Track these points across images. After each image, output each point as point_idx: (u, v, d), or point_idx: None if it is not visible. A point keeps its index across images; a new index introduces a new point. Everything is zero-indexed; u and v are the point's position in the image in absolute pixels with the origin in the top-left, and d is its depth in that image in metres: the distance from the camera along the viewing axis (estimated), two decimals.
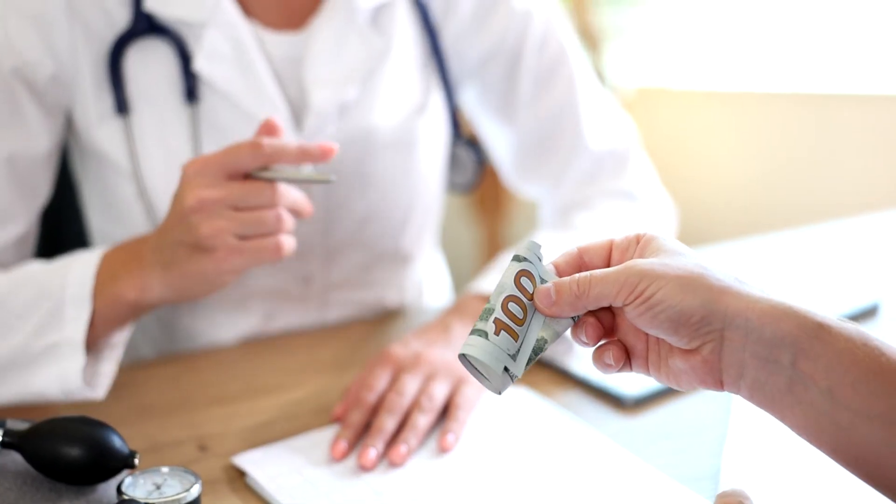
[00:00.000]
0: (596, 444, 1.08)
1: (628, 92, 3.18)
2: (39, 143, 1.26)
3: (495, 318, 0.83)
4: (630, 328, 0.85)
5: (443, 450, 1.08)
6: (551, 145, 1.46)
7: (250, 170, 1.08)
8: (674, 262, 0.81)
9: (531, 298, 0.85)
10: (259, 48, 1.28)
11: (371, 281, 1.44)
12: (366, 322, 1.45)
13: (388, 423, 1.09)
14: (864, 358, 0.76)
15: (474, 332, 0.84)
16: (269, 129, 1.11)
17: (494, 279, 1.30)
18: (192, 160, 1.09)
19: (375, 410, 1.12)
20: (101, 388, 1.15)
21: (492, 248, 3.09)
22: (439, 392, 1.13)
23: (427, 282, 1.58)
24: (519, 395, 1.18)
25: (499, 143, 1.51)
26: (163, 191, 1.28)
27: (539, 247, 0.87)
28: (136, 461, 0.94)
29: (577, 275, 0.83)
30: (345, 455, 1.07)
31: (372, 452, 1.05)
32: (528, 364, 0.85)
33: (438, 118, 1.40)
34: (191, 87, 1.26)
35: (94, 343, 1.15)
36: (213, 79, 1.26)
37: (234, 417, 1.17)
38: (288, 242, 1.10)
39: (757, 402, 0.80)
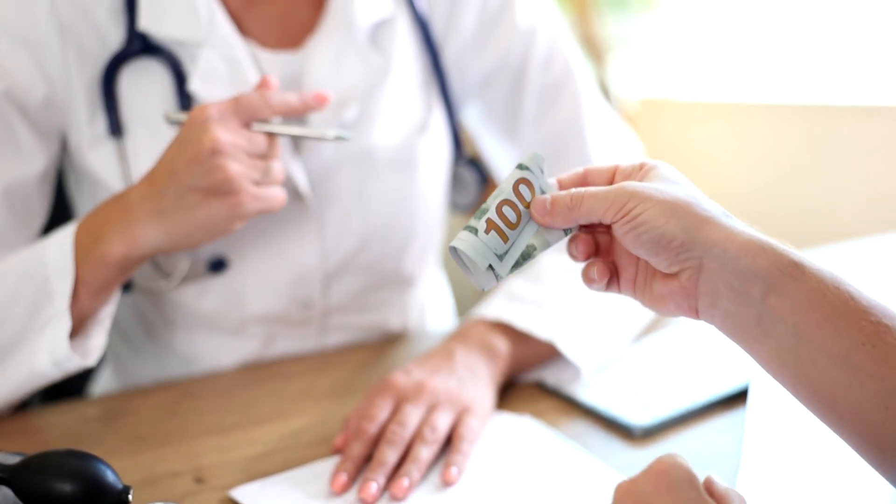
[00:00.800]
0: (604, 477, 1.05)
1: (633, 103, 3.15)
2: (34, 166, 1.24)
3: (487, 219, 0.89)
4: (623, 250, 0.89)
5: (446, 483, 1.04)
6: (556, 165, 1.43)
7: (260, 119, 1.12)
8: (666, 188, 0.84)
9: (528, 206, 0.89)
10: (256, 68, 1.25)
11: (372, 304, 1.41)
12: (367, 346, 1.42)
13: (390, 455, 1.05)
14: (833, 299, 0.78)
15: (466, 227, 0.89)
16: (265, 86, 1.14)
17: (500, 304, 1.27)
18: (202, 106, 1.10)
19: (376, 442, 1.08)
20: (92, 358, 1.15)
21: None
22: (442, 423, 1.10)
23: (430, 304, 1.55)
24: (524, 425, 1.15)
25: (502, 161, 1.48)
26: None
27: (543, 159, 0.91)
28: (130, 497, 0.91)
29: (573, 189, 0.88)
30: (345, 489, 1.03)
31: (373, 486, 1.02)
32: (514, 268, 0.90)
33: (440, 137, 1.37)
34: (186, 108, 1.24)
35: (85, 315, 1.15)
36: (209, 99, 1.23)
37: (231, 448, 1.14)
38: (285, 194, 1.15)
39: (727, 333, 0.84)
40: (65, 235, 1.14)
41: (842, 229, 1.91)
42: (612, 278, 0.91)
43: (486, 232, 0.88)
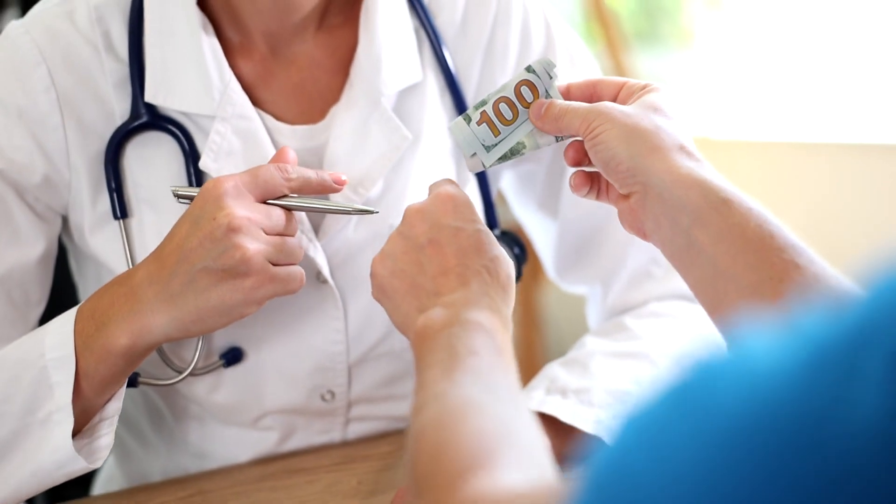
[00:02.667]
0: None
1: None
2: (32, 252, 1.16)
3: (482, 111, 1.00)
4: None
5: None
6: (601, 240, 1.32)
7: (279, 195, 1.05)
8: (637, 113, 0.92)
9: (527, 106, 0.99)
10: (272, 143, 1.16)
11: (398, 394, 1.30)
12: (392, 439, 1.30)
13: None
14: (752, 235, 0.85)
15: (464, 115, 1.00)
16: (282, 158, 1.07)
17: (540, 396, 1.16)
18: (216, 179, 1.02)
19: None
20: (98, 460, 1.06)
21: (527, 320, 2.94)
22: None
23: None
24: None
25: (540, 236, 1.37)
26: None
27: (553, 66, 1.00)
28: None
29: (566, 102, 0.97)
30: None
31: None
32: (500, 160, 1.00)
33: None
34: (198, 186, 1.14)
35: (89, 411, 1.06)
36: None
37: None
38: (303, 274, 1.07)
39: (667, 257, 0.93)
40: (65, 322, 1.05)
41: None
42: (593, 188, 1.00)
43: (479, 124, 1.00)
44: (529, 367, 2.88)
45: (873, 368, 0.41)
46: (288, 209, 1.06)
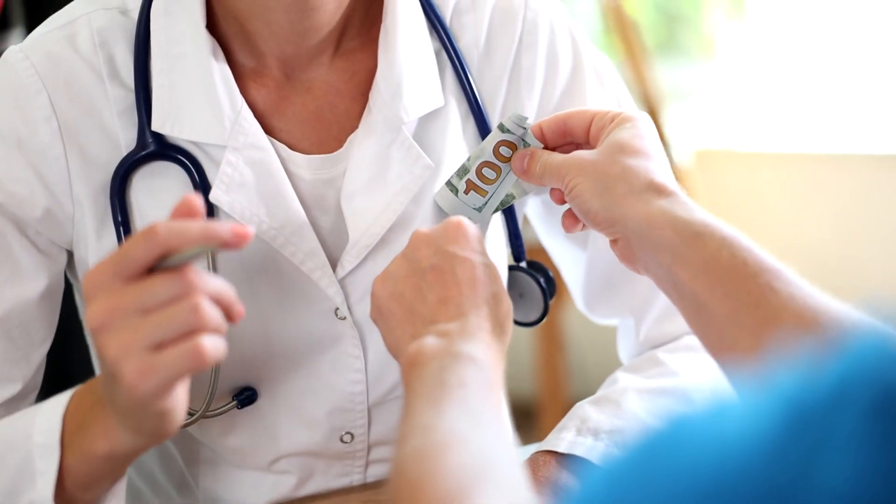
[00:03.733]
0: None
1: (689, 154, 3.01)
2: (33, 289, 1.10)
3: (468, 180, 1.03)
4: None
5: None
6: (624, 288, 1.25)
7: (149, 264, 0.84)
8: (603, 160, 0.95)
9: (507, 162, 1.02)
10: (286, 174, 1.10)
11: None
12: None
13: None
14: (727, 265, 0.89)
15: (448, 184, 1.04)
16: (187, 209, 0.86)
17: (572, 438, 1.10)
18: (86, 273, 0.89)
19: None
20: None
21: (549, 339, 2.87)
22: None
23: None
24: None
25: (568, 267, 1.31)
26: None
27: (525, 119, 1.01)
28: None
29: (546, 156, 1.00)
30: None
31: None
32: (493, 212, 1.05)
33: (496, 242, 1.20)
34: (207, 220, 1.08)
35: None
36: (233, 210, 1.08)
37: None
38: (212, 344, 0.84)
39: (663, 292, 0.96)
40: (56, 406, 0.98)
41: None
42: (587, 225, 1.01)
43: (466, 192, 1.04)
44: (552, 388, 2.83)
45: (845, 431, 0.41)
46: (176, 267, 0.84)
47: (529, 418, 2.81)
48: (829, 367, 0.44)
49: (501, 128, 1.01)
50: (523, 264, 1.22)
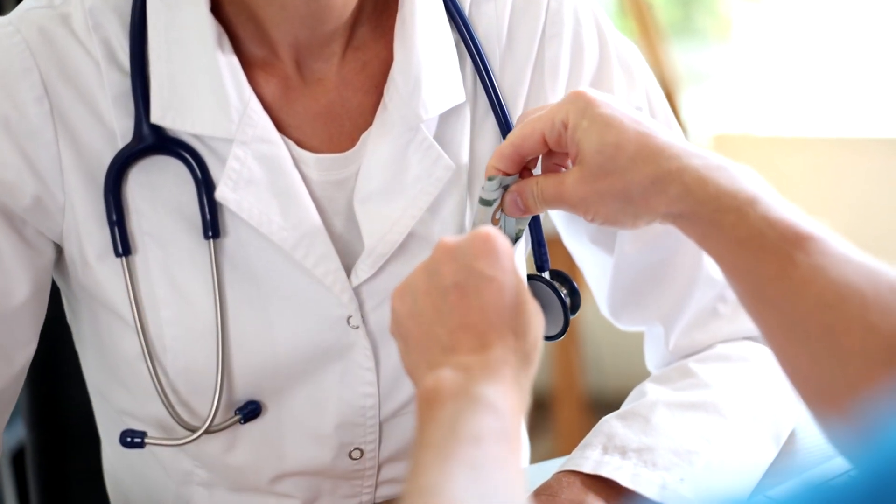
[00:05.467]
0: None
1: (707, 139, 2.96)
2: (19, 285, 1.02)
3: None
4: None
5: None
6: (662, 276, 1.17)
7: None
8: (599, 177, 0.92)
9: (503, 210, 0.98)
10: (298, 172, 1.03)
11: None
12: None
13: None
14: (745, 239, 0.86)
15: None
16: None
17: (597, 456, 1.02)
18: None
19: None
20: None
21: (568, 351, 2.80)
22: None
23: None
24: None
25: (593, 272, 1.23)
26: (173, 348, 1.03)
27: (496, 178, 0.97)
28: None
29: (537, 189, 0.96)
30: None
31: None
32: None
33: (519, 248, 1.12)
34: (212, 219, 1.01)
35: None
36: (241, 210, 1.01)
37: None
38: None
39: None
40: None
41: None
42: None
43: None
44: (568, 380, 2.77)
45: None
46: None
47: (544, 410, 2.75)
48: None
49: (484, 202, 0.97)
50: (546, 274, 1.15)
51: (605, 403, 2.45)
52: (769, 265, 0.84)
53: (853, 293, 0.80)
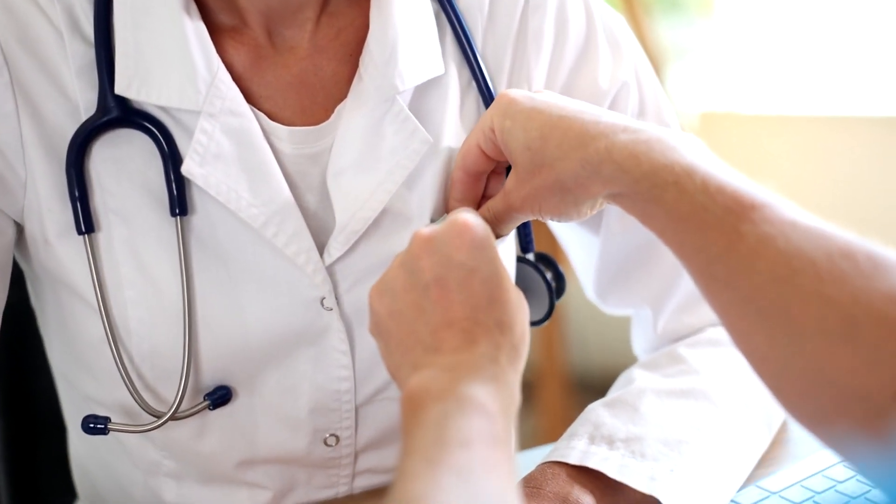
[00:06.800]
0: None
1: (692, 117, 2.94)
2: None
3: None
4: None
5: None
6: (651, 257, 1.13)
7: None
8: (531, 174, 0.90)
9: None
10: (268, 145, 0.98)
11: None
12: None
13: None
14: (688, 214, 0.81)
15: None
16: None
17: (583, 446, 0.98)
18: None
19: None
20: None
21: (551, 330, 2.76)
22: None
23: None
24: None
25: (578, 253, 1.19)
26: (138, 331, 0.99)
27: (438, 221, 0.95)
28: None
29: (487, 212, 0.95)
30: None
31: None
32: None
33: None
34: (178, 195, 0.96)
35: None
36: (208, 185, 0.96)
37: None
38: None
39: None
40: None
41: None
42: None
43: None
44: (551, 358, 2.73)
45: None
46: None
47: (527, 392, 2.71)
48: None
49: None
50: (531, 256, 1.10)
51: (589, 385, 2.42)
52: (715, 241, 0.78)
53: (805, 263, 0.74)
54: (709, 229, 0.79)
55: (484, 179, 0.99)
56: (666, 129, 0.86)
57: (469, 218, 0.82)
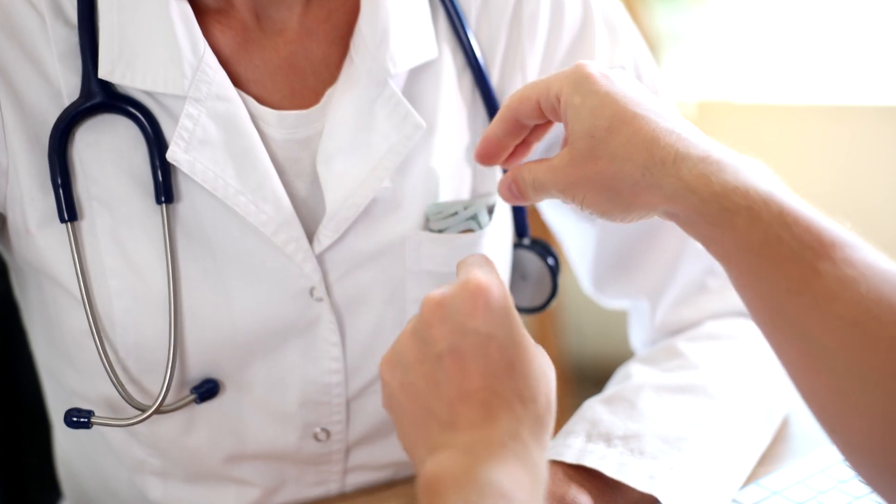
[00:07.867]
0: None
1: (688, 106, 2.94)
2: None
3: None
4: None
5: None
6: (648, 247, 1.11)
7: None
8: (588, 159, 0.84)
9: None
10: (257, 130, 0.96)
11: None
12: (399, 490, 1.11)
13: None
14: (759, 245, 0.77)
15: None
16: None
17: (580, 444, 0.95)
18: None
19: None
20: None
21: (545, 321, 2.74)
22: None
23: None
24: None
25: (574, 243, 1.16)
26: (122, 322, 0.97)
27: (440, 205, 1.00)
28: None
29: (531, 176, 0.89)
30: None
31: None
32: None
33: (498, 216, 1.05)
34: (164, 182, 0.94)
35: None
36: (194, 172, 0.94)
37: None
38: None
39: None
40: None
41: None
42: None
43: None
44: (545, 347, 2.71)
45: None
46: None
47: None
48: None
49: (435, 230, 1.00)
50: (526, 241, 1.08)
51: (585, 376, 2.39)
52: (788, 275, 0.74)
53: (884, 310, 0.71)
54: (784, 262, 0.74)
55: (529, 128, 0.93)
56: (736, 153, 0.81)
57: (482, 278, 0.76)
